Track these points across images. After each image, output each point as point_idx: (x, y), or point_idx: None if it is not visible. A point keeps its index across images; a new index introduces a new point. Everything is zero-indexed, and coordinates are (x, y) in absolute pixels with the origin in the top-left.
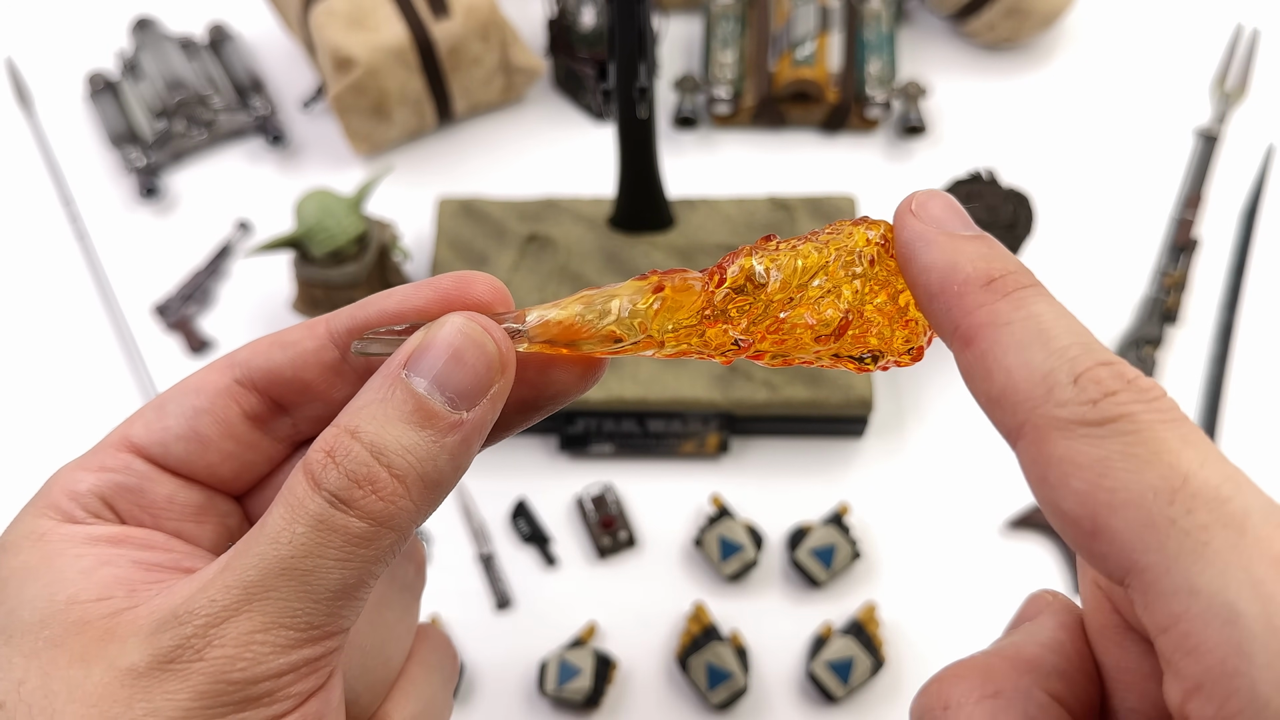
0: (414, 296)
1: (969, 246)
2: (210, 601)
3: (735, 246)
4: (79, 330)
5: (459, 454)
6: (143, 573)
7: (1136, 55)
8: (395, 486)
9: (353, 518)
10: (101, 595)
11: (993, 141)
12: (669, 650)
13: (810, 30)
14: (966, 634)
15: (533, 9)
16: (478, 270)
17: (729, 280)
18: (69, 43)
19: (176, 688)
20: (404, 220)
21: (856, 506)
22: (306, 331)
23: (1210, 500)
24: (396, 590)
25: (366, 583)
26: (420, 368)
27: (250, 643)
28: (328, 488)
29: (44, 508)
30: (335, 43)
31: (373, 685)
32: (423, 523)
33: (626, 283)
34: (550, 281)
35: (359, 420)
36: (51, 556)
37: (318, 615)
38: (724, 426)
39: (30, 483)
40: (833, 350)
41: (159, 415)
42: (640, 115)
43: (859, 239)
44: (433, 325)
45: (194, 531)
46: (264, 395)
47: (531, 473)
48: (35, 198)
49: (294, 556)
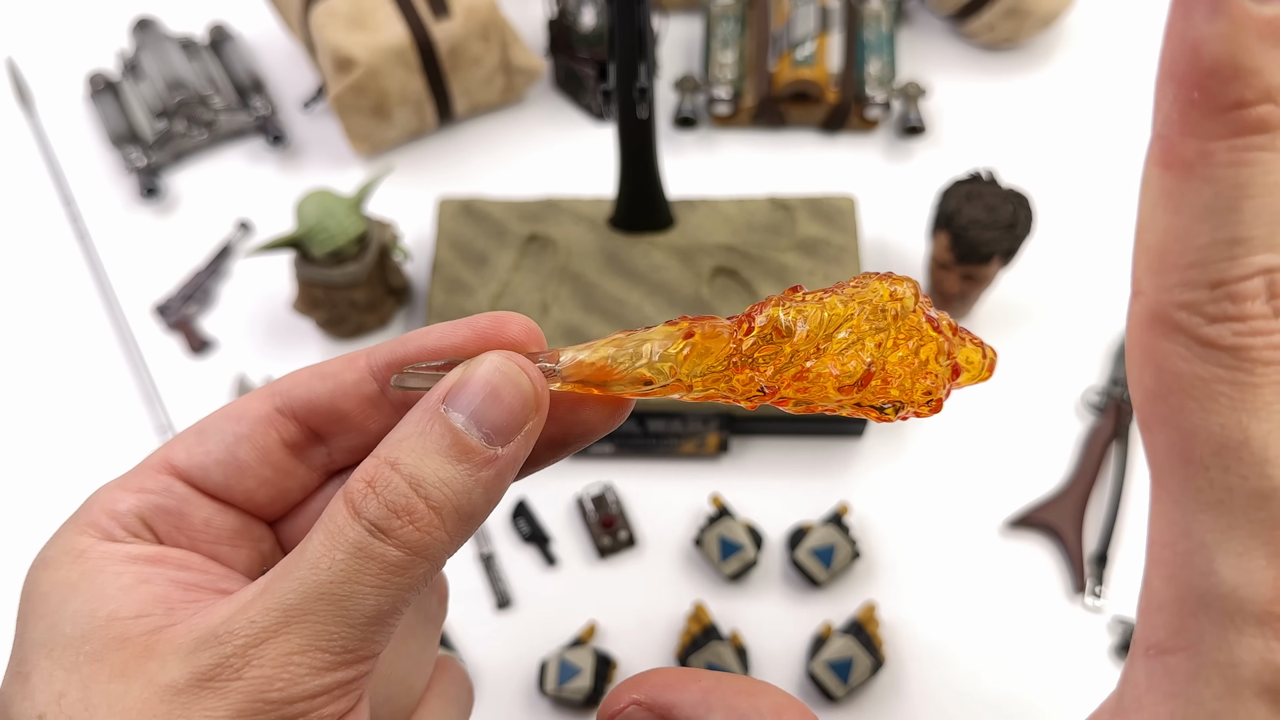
0: (452, 334)
1: (1261, 39)
2: (250, 622)
3: (735, 246)
4: (80, 330)
5: (493, 488)
6: (180, 592)
7: (1136, 55)
8: (432, 518)
9: (390, 546)
10: (141, 612)
11: (993, 141)
12: (669, 650)
13: (810, 30)
14: (966, 634)
15: (533, 9)
16: (478, 270)
17: (757, 329)
18: (69, 43)
19: (215, 705)
20: (404, 220)
21: (856, 506)
22: (346, 364)
23: (1253, 466)
24: (421, 621)
25: (399, 610)
26: (458, 403)
27: (288, 664)
28: (368, 517)
29: (84, 525)
30: (335, 43)
31: (395, 713)
32: (454, 553)
33: (658, 327)
34: (550, 281)
35: (399, 452)
36: (91, 573)
37: (352, 640)
38: (724, 426)
39: (31, 482)
40: (855, 400)
41: (200, 440)
42: (640, 115)
43: (884, 294)
44: (471, 363)
45: (229, 555)
46: (302, 424)
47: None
48: (35, 198)
49: (332, 582)
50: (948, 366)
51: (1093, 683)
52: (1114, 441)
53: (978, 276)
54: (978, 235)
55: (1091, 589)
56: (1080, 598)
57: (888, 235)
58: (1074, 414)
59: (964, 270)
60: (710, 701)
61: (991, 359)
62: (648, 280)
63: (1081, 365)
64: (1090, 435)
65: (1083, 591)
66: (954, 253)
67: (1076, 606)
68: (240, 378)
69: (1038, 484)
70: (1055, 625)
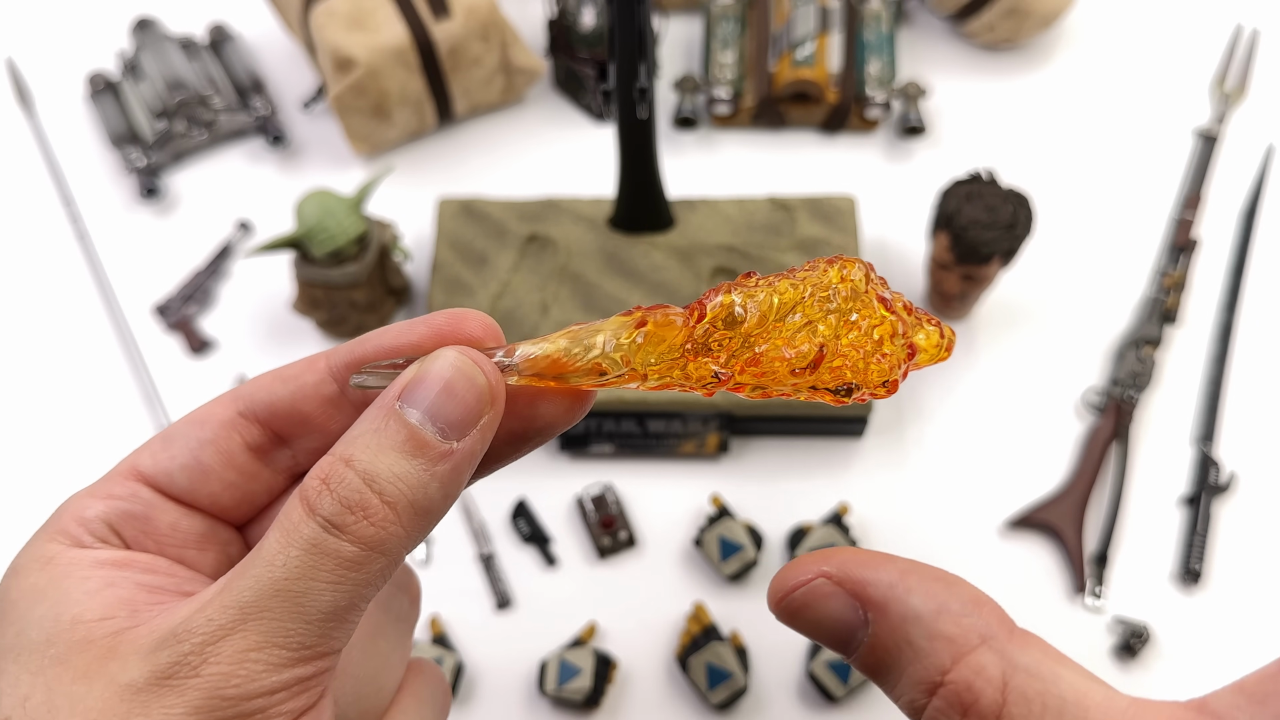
0: (409, 333)
1: None
2: (208, 620)
3: (735, 246)
4: (80, 331)
5: (449, 482)
6: (145, 594)
7: (1136, 55)
8: (386, 513)
9: (345, 542)
10: (105, 615)
11: (993, 141)
12: (669, 650)
13: (810, 30)
14: None
15: (533, 9)
16: (478, 270)
17: (709, 315)
18: (69, 43)
19: (173, 702)
20: (404, 220)
21: (856, 506)
22: (306, 366)
23: None
24: (391, 620)
25: (358, 606)
26: (414, 399)
27: (244, 660)
28: (321, 513)
29: (54, 533)
30: (335, 43)
31: (364, 713)
32: (413, 549)
33: (611, 318)
34: (550, 282)
35: (353, 449)
36: (59, 579)
37: (310, 636)
38: (724, 426)
39: (31, 482)
40: (809, 382)
41: (165, 446)
42: (640, 115)
43: (834, 276)
44: (426, 359)
45: (196, 558)
46: (265, 427)
47: (531, 473)
48: (35, 198)
49: (288, 579)
50: (903, 347)
51: None
52: (1114, 441)
53: (978, 276)
54: (978, 235)
55: (1091, 589)
56: (1080, 598)
57: (888, 235)
58: (1074, 414)
59: (964, 270)
60: (908, 583)
61: (950, 339)
62: (648, 280)
63: (1081, 365)
64: (1090, 435)
65: (1083, 592)
66: (954, 253)
67: (1076, 607)
68: (240, 378)
69: (1038, 484)
70: (1055, 625)
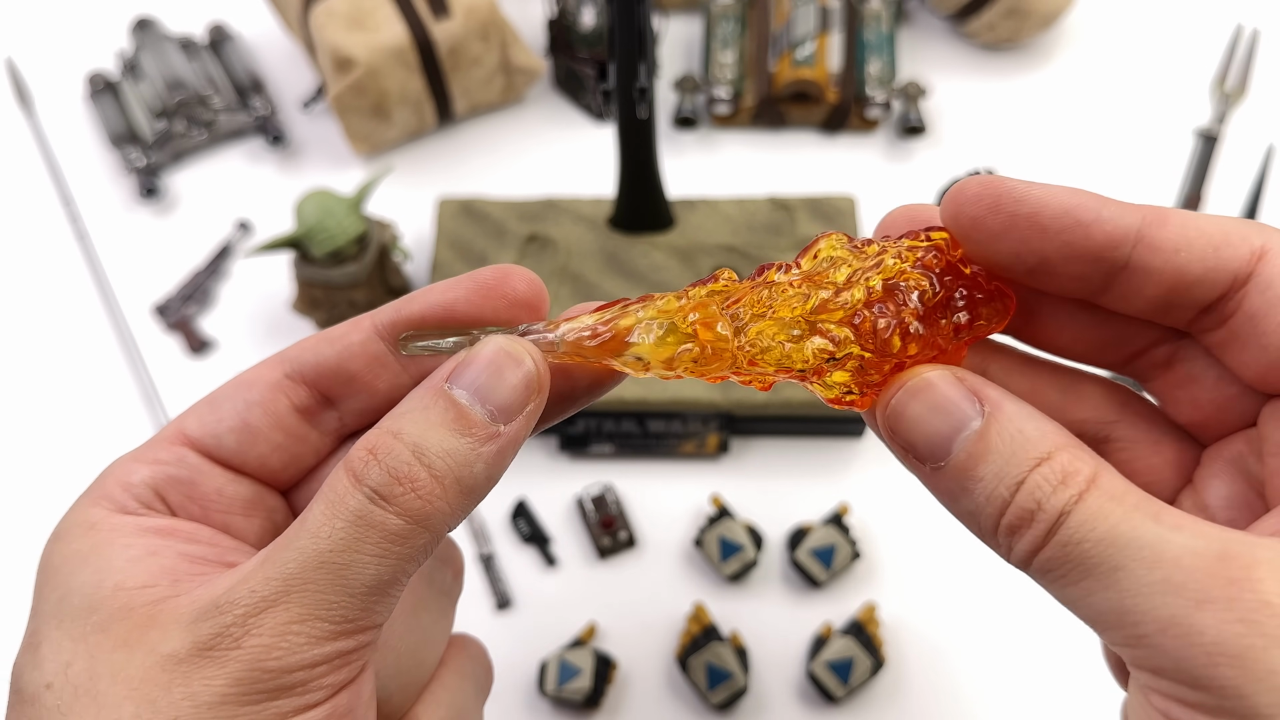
0: (455, 288)
1: None
2: (250, 592)
3: (735, 246)
4: (79, 330)
5: (494, 464)
6: (188, 564)
7: (1136, 55)
8: (434, 486)
9: (390, 514)
10: (147, 583)
11: (993, 141)
12: (669, 650)
13: (810, 30)
14: (966, 634)
15: (533, 9)
16: (478, 269)
17: (749, 346)
18: (69, 43)
19: (214, 674)
20: (404, 220)
21: (856, 506)
22: (352, 326)
23: None
24: (434, 594)
25: (400, 580)
26: (463, 380)
27: (286, 633)
28: (369, 483)
29: (98, 497)
30: (335, 43)
31: (405, 686)
32: (455, 528)
33: (665, 307)
34: (550, 281)
35: (402, 424)
36: (101, 545)
37: (352, 609)
38: (724, 426)
39: (30, 481)
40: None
41: (212, 409)
42: (640, 115)
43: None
44: (477, 345)
45: (241, 525)
46: (312, 388)
47: (531, 473)
48: (35, 198)
49: (332, 551)
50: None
51: (1093, 683)
52: None
53: None
54: None
55: None
56: None
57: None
58: None
59: None
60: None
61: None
62: (648, 280)
63: (1080, 365)
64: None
65: None
66: None
67: None
68: None
69: None
70: (1055, 625)
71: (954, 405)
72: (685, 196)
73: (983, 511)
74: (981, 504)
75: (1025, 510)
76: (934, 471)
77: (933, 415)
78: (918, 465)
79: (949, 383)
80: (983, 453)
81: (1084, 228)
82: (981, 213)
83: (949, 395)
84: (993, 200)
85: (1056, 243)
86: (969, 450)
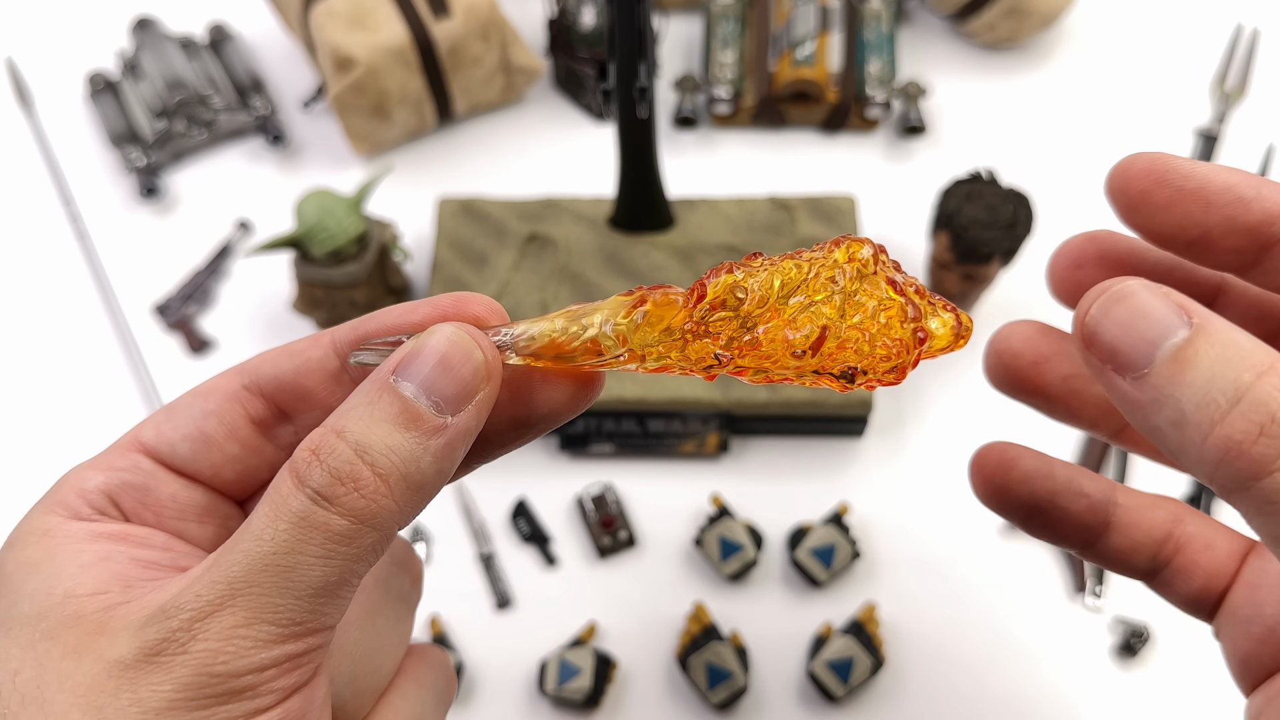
0: (413, 312)
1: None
2: (196, 596)
3: (735, 246)
4: (79, 330)
5: (442, 457)
6: (140, 570)
7: (1136, 55)
8: (378, 485)
9: (334, 515)
10: (97, 590)
11: (993, 141)
12: (669, 650)
13: (810, 30)
14: (966, 634)
15: (533, 9)
16: (478, 269)
17: (709, 295)
18: (69, 43)
19: (161, 679)
20: (404, 220)
21: (856, 506)
22: (312, 342)
23: None
24: (391, 599)
25: (349, 581)
26: (409, 373)
27: (233, 637)
28: (311, 485)
29: (53, 504)
30: (335, 43)
31: (361, 693)
32: (405, 525)
33: (611, 298)
34: (550, 281)
35: (345, 421)
36: (53, 551)
37: (299, 611)
38: (724, 426)
39: (30, 480)
40: (812, 366)
41: (169, 417)
42: (640, 115)
43: (840, 256)
44: (423, 334)
45: (195, 532)
46: (269, 401)
47: (531, 473)
48: (35, 198)
49: (276, 553)
50: (912, 332)
51: (1093, 683)
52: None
53: (978, 276)
54: (978, 235)
55: (1092, 589)
56: (1080, 598)
57: (888, 235)
58: None
59: (964, 270)
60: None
61: (967, 326)
62: (648, 280)
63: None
64: (1090, 435)
65: (1083, 591)
66: (954, 252)
67: (1076, 606)
68: None
69: None
70: (1055, 625)
71: (1160, 311)
72: (685, 196)
73: (1190, 420)
74: (1190, 411)
75: (1252, 423)
76: (1135, 381)
77: (1137, 320)
78: (1115, 379)
79: (1153, 290)
80: (1191, 358)
81: (1244, 203)
82: (1150, 186)
83: (1154, 303)
84: (1160, 175)
85: (1219, 216)
86: (1176, 356)
